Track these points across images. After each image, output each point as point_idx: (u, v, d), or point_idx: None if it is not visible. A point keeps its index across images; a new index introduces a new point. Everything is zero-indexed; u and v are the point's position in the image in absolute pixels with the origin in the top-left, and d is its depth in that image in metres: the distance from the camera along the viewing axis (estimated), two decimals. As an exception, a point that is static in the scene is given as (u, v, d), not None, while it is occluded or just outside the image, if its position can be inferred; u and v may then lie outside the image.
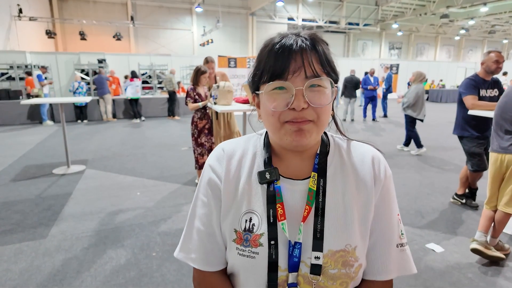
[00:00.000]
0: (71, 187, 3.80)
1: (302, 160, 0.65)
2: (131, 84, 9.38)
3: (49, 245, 2.50)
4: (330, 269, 0.60)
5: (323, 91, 0.57)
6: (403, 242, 0.67)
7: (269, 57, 0.58)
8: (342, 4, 19.78)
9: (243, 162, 0.66)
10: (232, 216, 0.64)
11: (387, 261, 0.65)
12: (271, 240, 0.60)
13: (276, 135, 0.60)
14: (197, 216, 0.68)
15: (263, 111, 0.61)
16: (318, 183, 0.62)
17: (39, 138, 6.81)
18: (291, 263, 0.60)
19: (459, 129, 3.09)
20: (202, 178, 0.69)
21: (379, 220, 0.65)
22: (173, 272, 2.15)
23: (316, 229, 0.60)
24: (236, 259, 0.63)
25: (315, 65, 0.56)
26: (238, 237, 0.62)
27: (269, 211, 0.61)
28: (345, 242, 0.60)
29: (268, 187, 0.62)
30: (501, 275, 2.11)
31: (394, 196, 0.67)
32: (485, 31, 24.89)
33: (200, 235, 0.66)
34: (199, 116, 3.72)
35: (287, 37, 0.58)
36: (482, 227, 2.32)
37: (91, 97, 5.46)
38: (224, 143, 0.71)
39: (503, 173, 2.26)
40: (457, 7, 16.48)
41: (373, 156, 0.67)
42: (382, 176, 0.65)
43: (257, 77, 0.61)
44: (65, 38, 16.53)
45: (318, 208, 0.61)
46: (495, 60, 2.86)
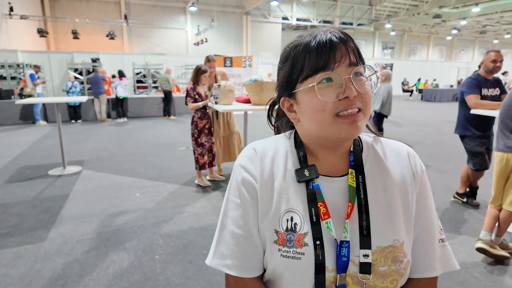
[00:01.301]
0: (68, 188, 3.73)
1: (336, 157, 0.64)
2: (120, 83, 9.31)
3: (49, 248, 2.44)
4: (380, 267, 0.58)
5: (364, 79, 0.58)
6: (443, 238, 0.67)
7: (308, 52, 0.57)
8: (336, 3, 19.86)
9: (276, 161, 0.64)
10: (271, 216, 0.61)
11: (432, 257, 0.64)
12: (316, 240, 0.57)
13: (327, 130, 0.57)
14: (231, 218, 0.64)
15: (307, 109, 0.59)
16: (357, 180, 0.61)
17: (33, 139, 6.68)
18: (339, 263, 0.57)
19: (461, 128, 3.10)
20: (233, 179, 0.66)
21: (421, 215, 0.64)
22: (178, 275, 2.11)
23: (362, 225, 0.58)
24: (280, 262, 0.59)
25: (355, 54, 0.58)
26: (280, 238, 0.59)
27: (311, 210, 0.59)
28: (392, 238, 0.59)
29: (307, 186, 0.60)
30: (507, 274, 2.11)
31: (430, 191, 0.67)
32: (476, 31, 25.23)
33: (236, 239, 0.62)
34: (199, 116, 3.67)
35: (320, 33, 0.57)
36: (487, 226, 2.32)
37: (87, 97, 5.36)
38: (253, 144, 0.69)
39: (509, 172, 2.27)
40: (450, 7, 16.68)
41: (408, 151, 0.66)
42: (419, 170, 0.65)
43: (294, 76, 0.59)
44: (57, 37, 16.30)
45: (361, 204, 0.59)
46: (493, 60, 2.89)
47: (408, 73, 20.20)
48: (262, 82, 3.11)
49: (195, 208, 3.16)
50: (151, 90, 13.42)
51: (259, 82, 3.09)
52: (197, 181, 3.83)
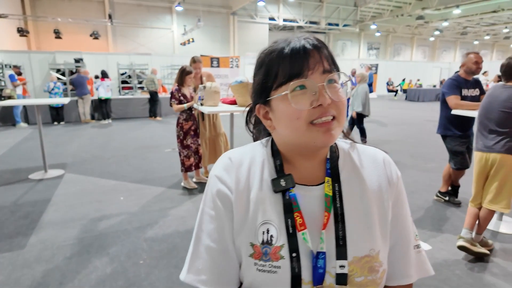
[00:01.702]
0: (49, 192, 3.62)
1: (313, 165, 0.63)
2: (102, 84, 9.10)
3: (28, 255, 2.37)
4: (356, 277, 0.57)
5: (338, 87, 0.58)
6: (418, 244, 0.67)
7: (282, 59, 0.56)
8: (322, 5, 20.02)
9: (253, 170, 0.63)
10: (247, 229, 0.59)
11: (407, 265, 0.64)
12: (293, 252, 0.56)
13: (302, 138, 0.57)
14: (206, 232, 0.62)
15: (282, 117, 0.58)
16: (333, 188, 0.60)
17: (13, 142, 6.48)
18: (316, 275, 0.56)
19: (442, 128, 3.17)
20: (208, 190, 0.64)
21: (396, 223, 0.64)
22: (163, 280, 2.08)
23: (338, 236, 0.57)
24: (256, 276, 0.58)
25: (329, 61, 0.57)
26: (256, 251, 0.58)
27: (287, 221, 0.57)
28: (369, 247, 0.58)
29: (283, 196, 0.59)
30: (487, 271, 2.17)
31: (406, 197, 0.67)
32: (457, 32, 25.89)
33: (211, 253, 0.61)
34: (184, 118, 3.63)
35: (294, 40, 0.57)
36: (468, 224, 2.38)
37: (69, 98, 5.23)
38: (229, 152, 0.67)
39: (488, 172, 2.33)
40: (432, 9, 17.08)
41: (384, 158, 0.66)
42: (395, 177, 0.65)
43: (269, 83, 0.58)
44: (38, 37, 15.84)
45: (337, 213, 0.59)
46: (475, 61, 2.97)
47: (392, 73, 20.55)
48: (247, 83, 3.10)
49: (181, 211, 3.12)
50: (137, 91, 13.21)
51: (245, 83, 3.08)
52: (183, 183, 3.79)
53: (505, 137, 2.25)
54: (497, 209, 2.31)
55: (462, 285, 2.02)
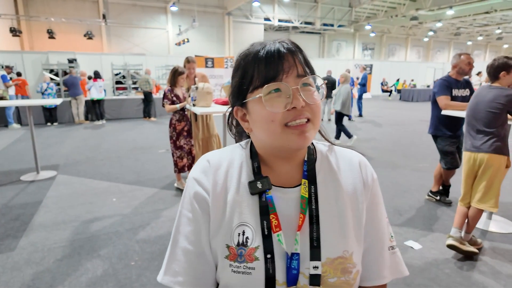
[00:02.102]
0: (41, 194, 3.60)
1: (291, 168, 0.63)
2: (94, 84, 9.04)
3: (18, 258, 2.35)
4: (329, 278, 0.58)
5: (313, 90, 0.59)
6: (393, 245, 0.68)
7: (258, 63, 0.57)
8: (317, 5, 20.09)
9: (230, 173, 0.63)
10: (223, 231, 0.60)
11: (381, 266, 0.65)
12: (267, 253, 0.57)
13: (277, 141, 0.58)
14: (183, 234, 0.62)
15: (257, 119, 0.59)
16: (309, 190, 0.61)
17: (5, 143, 6.42)
18: (289, 276, 0.57)
19: (433, 128, 3.20)
20: (186, 192, 0.64)
21: (371, 224, 0.65)
22: (154, 282, 2.08)
23: (312, 237, 0.58)
24: (231, 277, 0.58)
25: (303, 65, 0.58)
26: (232, 253, 0.58)
27: (263, 223, 0.58)
28: (342, 249, 0.59)
29: (260, 198, 0.60)
30: (475, 269, 2.19)
31: (381, 199, 0.68)
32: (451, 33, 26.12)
33: (187, 256, 0.61)
34: (177, 118, 3.62)
35: (270, 44, 0.58)
36: (457, 223, 2.41)
37: (62, 99, 5.19)
38: (208, 154, 0.67)
39: (476, 171, 2.36)
40: (426, 9, 17.23)
41: (360, 161, 0.67)
42: (370, 180, 0.66)
43: (245, 86, 0.59)
44: (31, 37, 15.71)
45: (312, 215, 0.59)
46: (468, 62, 3.00)
47: (387, 73, 20.68)
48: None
49: (173, 213, 3.12)
50: (131, 91, 13.16)
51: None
52: (177, 184, 3.78)
53: (492, 137, 2.28)
54: (485, 208, 2.34)
55: (451, 284, 2.04)
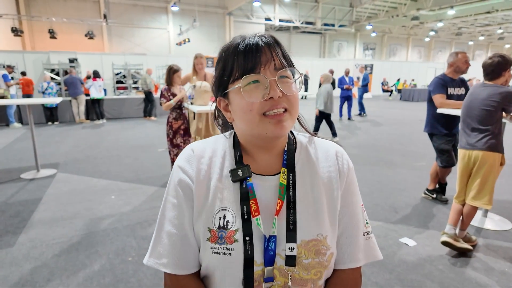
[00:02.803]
0: (41, 192, 3.63)
1: (271, 157, 0.67)
2: (93, 84, 9.07)
3: (17, 254, 2.38)
4: (304, 259, 0.61)
5: (291, 82, 0.61)
6: (368, 231, 0.71)
7: (237, 55, 0.60)
8: (317, 5, 20.09)
9: (213, 161, 0.67)
10: (205, 215, 0.63)
11: (355, 249, 0.68)
12: (246, 236, 0.60)
13: (255, 130, 0.61)
14: (167, 219, 0.66)
15: (237, 109, 0.62)
16: (288, 178, 0.64)
17: (6, 141, 6.46)
18: (266, 257, 0.60)
19: (429, 126, 3.22)
20: (171, 180, 0.68)
21: (346, 210, 0.68)
22: (150, 277, 2.10)
23: (289, 221, 0.62)
24: (211, 258, 0.62)
25: (281, 58, 0.61)
26: (213, 236, 0.62)
27: (243, 208, 0.62)
28: (316, 232, 0.63)
29: (241, 185, 0.63)
30: (469, 266, 2.21)
31: (357, 187, 0.71)
32: (452, 33, 26.09)
33: (171, 239, 0.64)
34: (174, 117, 3.65)
35: (249, 37, 0.61)
36: (452, 220, 2.42)
37: (61, 98, 5.23)
38: (192, 144, 0.71)
39: (471, 169, 2.38)
40: (427, 9, 17.21)
41: (337, 151, 0.71)
42: (345, 169, 0.69)
43: (225, 77, 0.62)
44: (33, 36, 15.78)
45: (289, 201, 0.63)
46: (465, 61, 3.01)
47: (388, 73, 20.67)
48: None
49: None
50: (131, 91, 13.20)
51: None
52: None
53: (487, 135, 2.30)
54: (479, 205, 2.35)
55: (443, 280, 2.06)
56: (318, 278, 0.64)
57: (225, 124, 0.77)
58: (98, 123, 9.15)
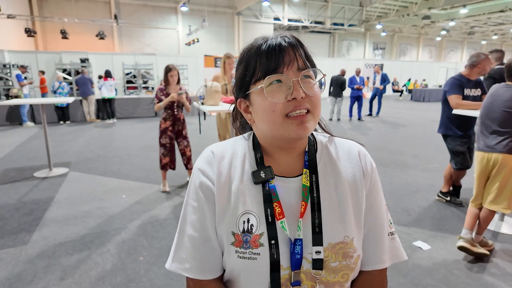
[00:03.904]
0: (53, 190, 3.68)
1: (292, 158, 0.66)
2: (105, 83, 9.16)
3: (31, 251, 2.41)
4: (331, 262, 0.60)
5: (313, 82, 0.61)
6: (392, 231, 0.71)
7: (260, 56, 0.59)
8: (327, 4, 19.96)
9: (234, 163, 0.66)
10: (228, 219, 0.62)
11: (381, 250, 0.67)
12: (271, 239, 0.59)
13: (278, 131, 0.59)
14: (189, 223, 0.65)
15: (259, 110, 0.61)
16: (310, 179, 0.63)
17: (19, 140, 6.58)
18: (293, 260, 0.59)
19: (444, 127, 3.15)
20: (191, 183, 0.67)
21: (371, 211, 0.67)
22: (161, 277, 2.11)
23: (314, 223, 0.61)
24: (236, 263, 0.61)
25: (304, 58, 0.60)
26: (237, 240, 0.61)
27: (267, 211, 0.61)
28: (343, 234, 0.62)
29: (263, 187, 0.62)
30: (486, 271, 2.15)
31: (380, 187, 0.70)
32: (464, 32, 25.63)
33: (194, 242, 0.63)
34: (164, 117, 3.56)
35: (272, 38, 0.60)
36: (468, 224, 2.37)
37: (73, 98, 5.30)
38: (211, 146, 0.70)
39: (489, 172, 2.31)
40: (438, 8, 16.91)
41: (359, 150, 0.70)
42: (369, 168, 0.68)
43: (247, 77, 0.61)
44: (45, 37, 16.04)
45: (313, 203, 0.62)
46: (492, 63, 2.94)
47: (398, 73, 20.42)
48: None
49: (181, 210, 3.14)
50: (141, 91, 13.31)
51: (245, 82, 3.10)
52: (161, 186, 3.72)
53: (507, 137, 2.23)
54: (498, 209, 2.29)
55: (459, 285, 2.01)
56: (345, 281, 0.63)
57: (243, 126, 0.75)
58: (108, 122, 9.24)
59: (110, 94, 9.27)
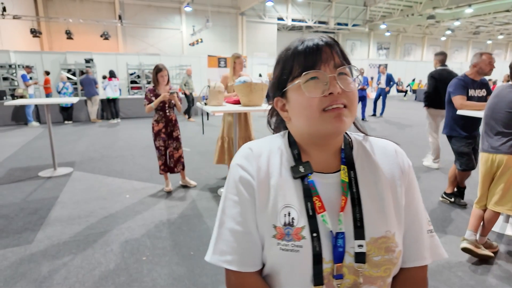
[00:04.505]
0: (58, 190, 3.71)
1: (328, 156, 0.67)
2: (109, 83, 9.20)
3: (35, 250, 2.43)
4: (373, 257, 0.61)
5: (350, 79, 0.62)
6: (431, 229, 0.71)
7: (297, 55, 0.62)
8: (331, 4, 19.92)
9: (272, 159, 0.67)
10: (269, 212, 0.63)
11: (421, 247, 0.67)
12: (313, 232, 0.60)
13: (315, 126, 0.61)
14: (229, 216, 0.66)
15: (296, 106, 0.63)
16: (349, 175, 0.64)
17: (24, 140, 6.64)
18: (336, 253, 0.60)
19: (448, 128, 3.13)
20: (230, 177, 0.69)
21: (409, 208, 0.67)
22: (164, 277, 2.11)
23: (356, 218, 0.62)
24: (279, 255, 0.61)
25: (340, 57, 0.62)
26: (279, 232, 0.62)
27: (307, 204, 0.62)
28: (385, 229, 0.62)
29: (302, 181, 0.64)
30: (490, 273, 2.14)
31: (417, 185, 0.71)
32: (470, 31, 25.45)
33: (235, 235, 0.64)
34: (156, 119, 3.52)
35: (308, 39, 0.63)
36: (472, 226, 2.35)
37: (77, 98, 5.33)
38: (249, 143, 0.71)
39: (494, 173, 2.29)
40: (443, 8, 16.80)
41: (395, 148, 0.71)
42: (406, 166, 0.69)
43: (285, 76, 0.64)
44: (50, 37, 16.18)
45: (354, 198, 0.63)
46: (489, 62, 2.91)
47: (402, 73, 20.32)
48: (251, 83, 3.12)
49: (185, 210, 3.16)
50: (145, 91, 13.35)
51: (248, 83, 3.10)
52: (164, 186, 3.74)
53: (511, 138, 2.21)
54: (502, 211, 2.27)
55: (463, 287, 1.99)
56: (387, 276, 0.63)
57: (279, 125, 0.78)
58: (113, 122, 9.29)
59: (115, 94, 9.31)
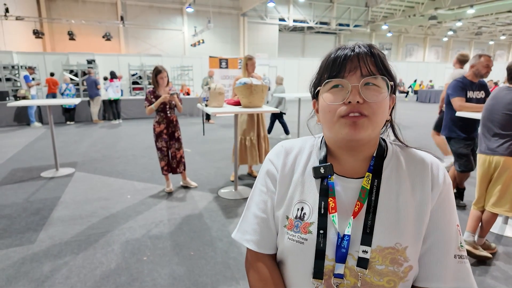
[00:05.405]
0: (60, 190, 3.74)
1: (356, 161, 0.68)
2: (111, 85, 9.24)
3: (37, 250, 2.46)
4: (377, 265, 0.61)
5: (379, 90, 0.62)
6: (462, 254, 0.65)
7: (329, 62, 0.65)
8: (332, 5, 19.93)
9: (299, 158, 0.74)
10: (285, 204, 0.70)
11: (442, 269, 0.63)
12: (320, 229, 0.64)
13: (332, 130, 0.64)
14: (254, 202, 0.75)
15: (321, 110, 0.66)
16: (372, 183, 0.65)
17: (27, 141, 6.68)
18: (338, 253, 0.63)
19: (447, 130, 3.15)
20: (262, 169, 0.78)
21: (435, 227, 0.64)
22: (165, 276, 2.14)
23: (367, 224, 0.63)
24: (286, 244, 0.68)
25: (370, 66, 0.62)
26: (290, 223, 0.68)
27: (321, 203, 0.66)
28: (395, 240, 0.61)
29: (322, 182, 0.67)
30: (488, 274, 2.15)
31: (453, 205, 0.67)
32: (472, 32, 25.39)
33: (256, 220, 0.73)
34: (157, 120, 3.55)
35: (345, 47, 0.65)
36: (470, 227, 2.36)
37: (80, 99, 5.37)
38: (284, 142, 0.78)
39: (491, 174, 2.31)
40: (445, 9, 16.81)
41: (432, 162, 0.68)
42: (440, 182, 0.65)
43: (317, 80, 0.69)
44: (53, 38, 16.26)
45: (370, 205, 0.63)
46: (486, 65, 2.92)
47: (404, 74, 20.30)
48: (251, 85, 3.14)
49: (185, 210, 3.18)
50: (147, 92, 13.40)
51: (249, 85, 3.13)
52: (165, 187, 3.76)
53: (509, 140, 2.22)
54: (500, 212, 2.29)
55: (461, 288, 2.00)
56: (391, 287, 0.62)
57: None
58: (114, 123, 9.34)
59: (116, 95, 9.36)
